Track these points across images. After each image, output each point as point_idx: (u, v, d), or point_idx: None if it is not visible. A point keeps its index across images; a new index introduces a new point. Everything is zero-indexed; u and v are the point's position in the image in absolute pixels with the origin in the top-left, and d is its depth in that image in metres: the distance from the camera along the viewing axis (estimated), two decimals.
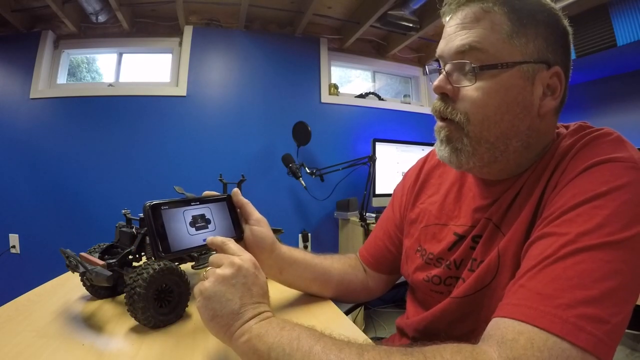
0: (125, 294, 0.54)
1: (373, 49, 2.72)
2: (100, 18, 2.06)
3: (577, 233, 0.38)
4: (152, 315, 0.54)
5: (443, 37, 0.52)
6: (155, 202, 0.49)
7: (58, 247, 0.68)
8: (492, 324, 0.38)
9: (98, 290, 0.67)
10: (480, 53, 0.47)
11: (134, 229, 0.65)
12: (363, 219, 2.05)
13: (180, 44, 2.26)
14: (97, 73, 2.44)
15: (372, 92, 2.71)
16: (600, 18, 1.68)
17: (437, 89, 0.51)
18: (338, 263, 0.71)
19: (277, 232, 0.66)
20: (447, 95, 0.51)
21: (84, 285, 0.67)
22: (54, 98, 2.10)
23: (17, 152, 2.05)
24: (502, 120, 0.48)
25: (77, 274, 0.60)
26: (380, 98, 2.70)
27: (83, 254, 0.63)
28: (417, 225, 0.67)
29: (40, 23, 2.12)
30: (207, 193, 0.57)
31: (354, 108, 2.58)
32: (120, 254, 0.61)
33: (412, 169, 0.77)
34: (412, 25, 2.21)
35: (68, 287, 0.73)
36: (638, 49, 1.66)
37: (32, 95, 2.06)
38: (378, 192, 2.25)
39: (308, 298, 0.68)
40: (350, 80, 2.87)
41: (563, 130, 0.53)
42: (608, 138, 0.46)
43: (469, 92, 0.49)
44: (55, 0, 1.81)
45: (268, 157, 2.32)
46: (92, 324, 0.57)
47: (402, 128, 2.68)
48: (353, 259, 0.76)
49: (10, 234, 2.05)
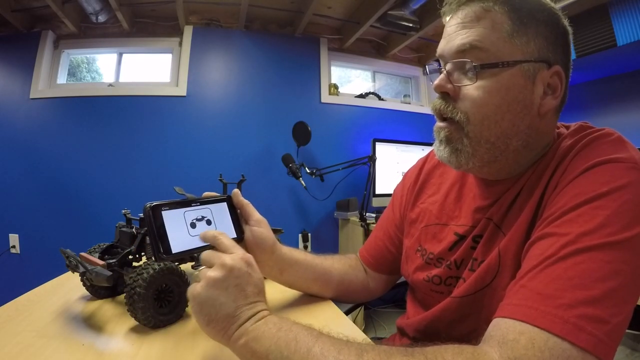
0: (125, 294, 0.54)
1: (373, 49, 2.72)
2: (100, 18, 2.06)
3: (578, 233, 0.38)
4: (152, 315, 0.54)
5: (443, 36, 0.52)
6: (156, 203, 0.49)
7: (58, 247, 0.68)
8: (493, 324, 0.39)
9: (98, 290, 0.67)
10: (481, 52, 0.47)
11: (134, 229, 0.65)
12: (363, 219, 2.05)
13: (180, 44, 2.26)
14: (97, 73, 2.44)
15: (372, 92, 2.71)
16: (600, 18, 1.68)
17: (437, 88, 0.51)
18: (338, 263, 0.71)
19: (277, 232, 0.66)
20: (447, 95, 0.51)
21: (84, 285, 0.67)
22: (54, 98, 2.10)
23: (17, 152, 2.05)
24: (502, 120, 0.48)
25: (77, 274, 0.60)
26: (380, 98, 2.70)
27: (83, 254, 0.63)
28: (417, 225, 0.67)
29: (40, 23, 2.12)
30: (207, 194, 0.57)
31: (354, 108, 2.58)
32: (120, 254, 0.61)
33: (412, 169, 0.77)
34: (412, 25, 2.21)
35: (68, 287, 0.73)
36: (638, 49, 1.66)
37: (32, 95, 2.06)
38: (378, 192, 2.25)
39: (308, 298, 0.68)
40: (350, 80, 2.87)
41: (563, 130, 0.53)
42: (609, 138, 0.46)
43: (470, 91, 0.49)
44: (55, 0, 1.81)
45: (268, 157, 2.32)
46: (92, 324, 0.57)
47: (402, 128, 2.68)
48: (353, 260, 0.76)
49: (10, 234, 2.05)
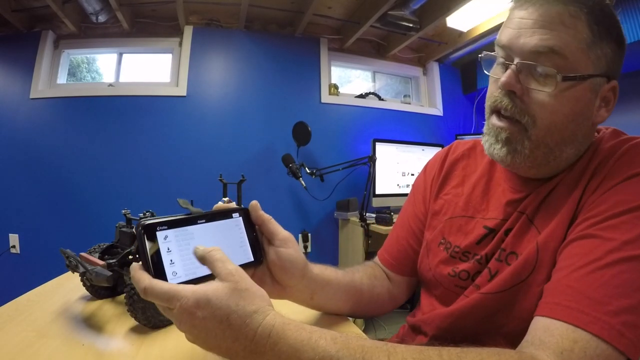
0: (125, 294, 0.54)
1: (373, 49, 2.72)
2: (100, 18, 2.06)
3: (622, 241, 0.40)
4: (152, 315, 0.54)
5: (511, 26, 0.49)
6: (150, 221, 0.38)
7: (58, 247, 0.68)
8: (541, 325, 0.39)
9: (98, 290, 0.67)
10: (560, 59, 0.45)
11: (134, 229, 0.65)
12: (363, 219, 2.04)
13: (180, 44, 2.26)
14: (97, 73, 2.44)
15: (372, 92, 2.71)
16: None
17: (505, 86, 0.48)
18: (365, 277, 0.65)
19: None
20: (513, 93, 0.49)
21: (84, 285, 0.67)
22: (54, 98, 2.10)
23: (17, 152, 2.05)
24: (566, 129, 0.48)
25: (77, 274, 0.60)
26: (380, 98, 2.70)
27: (83, 254, 0.63)
28: (440, 217, 0.64)
29: (40, 23, 2.12)
30: (218, 206, 0.47)
31: (354, 108, 2.58)
32: (120, 254, 0.60)
33: (433, 161, 0.73)
34: (412, 26, 2.21)
35: (68, 287, 0.73)
36: (638, 49, 1.66)
37: (32, 95, 2.06)
38: (378, 192, 2.25)
39: None
40: (350, 81, 2.87)
41: (595, 133, 0.53)
42: None
43: (542, 96, 0.47)
44: (55, 0, 1.81)
45: (268, 157, 2.32)
46: (92, 324, 0.57)
47: (402, 128, 2.68)
48: (375, 268, 0.71)
49: (10, 234, 2.05)
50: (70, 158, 2.09)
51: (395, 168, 2.34)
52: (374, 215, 2.09)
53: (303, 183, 2.10)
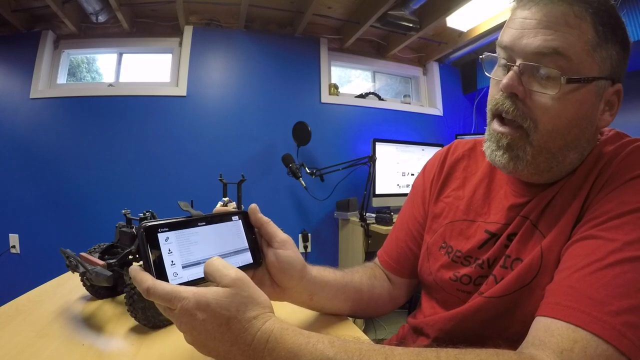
0: (125, 294, 0.54)
1: (373, 49, 2.72)
2: (100, 18, 2.06)
3: (624, 241, 0.39)
4: (152, 315, 0.54)
5: (513, 26, 0.47)
6: (151, 223, 0.39)
7: (58, 247, 0.68)
8: (541, 326, 0.39)
9: (98, 290, 0.67)
10: (564, 61, 0.44)
11: (134, 229, 0.65)
12: (363, 219, 2.04)
13: (180, 44, 2.26)
14: (97, 73, 2.44)
15: (372, 92, 2.71)
16: None
17: (507, 89, 0.47)
18: (365, 277, 0.65)
19: None
20: (515, 96, 0.47)
21: (84, 285, 0.67)
22: (54, 98, 2.10)
23: (17, 152, 2.05)
24: (569, 134, 0.47)
25: (77, 274, 0.60)
26: (380, 98, 2.70)
27: (83, 254, 0.63)
28: (440, 221, 0.64)
29: (40, 23, 2.12)
30: (218, 209, 0.48)
31: (354, 108, 2.58)
32: (120, 254, 0.60)
33: (432, 162, 0.72)
34: (412, 25, 2.21)
35: (68, 287, 0.73)
36: (638, 49, 1.66)
37: (32, 95, 2.06)
38: (378, 192, 2.25)
39: None
40: (350, 80, 2.87)
41: (598, 136, 0.53)
42: None
43: (545, 99, 0.46)
44: (55, 0, 1.81)
45: (268, 157, 2.32)
46: (92, 324, 0.57)
47: (402, 128, 2.68)
48: (375, 269, 0.70)
49: (10, 234, 2.05)
50: (70, 158, 2.09)
51: (395, 168, 2.34)
52: (374, 215, 2.09)
53: (303, 183, 2.10)
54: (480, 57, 0.54)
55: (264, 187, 2.30)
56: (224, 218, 0.46)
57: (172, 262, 0.39)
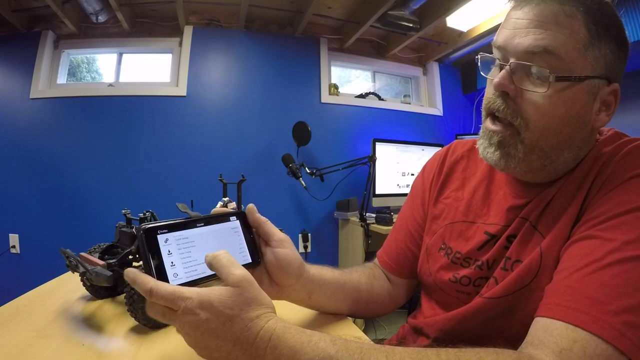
0: (125, 294, 0.54)
1: (373, 49, 2.72)
2: (100, 18, 2.06)
3: (623, 241, 0.39)
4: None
5: (507, 27, 0.48)
6: (150, 225, 0.39)
7: (58, 247, 0.68)
8: (541, 326, 0.39)
9: (98, 290, 0.67)
10: (554, 59, 0.44)
11: (134, 229, 0.65)
12: (363, 219, 2.04)
13: (180, 44, 2.26)
14: (97, 73, 2.44)
15: (372, 92, 2.71)
16: None
17: (498, 87, 0.47)
18: (364, 276, 0.66)
19: None
20: (506, 94, 0.48)
21: (84, 285, 0.67)
22: (54, 98, 2.10)
23: (17, 152, 2.05)
24: (561, 133, 0.47)
25: (77, 274, 0.60)
26: (380, 98, 2.70)
27: (83, 254, 0.63)
28: (440, 222, 0.64)
29: (40, 23, 2.12)
30: (216, 210, 0.49)
31: (354, 108, 2.58)
32: (120, 254, 0.60)
33: (431, 162, 0.72)
34: (412, 25, 2.21)
35: (68, 287, 0.73)
36: (638, 49, 1.66)
37: (32, 95, 2.06)
38: (378, 192, 2.25)
39: None
40: (350, 80, 2.87)
41: (597, 136, 0.53)
42: None
43: (535, 97, 0.46)
44: (55, 0, 1.81)
45: (268, 157, 2.32)
46: (92, 324, 0.57)
47: (402, 128, 2.68)
48: (375, 269, 0.71)
49: (10, 234, 2.05)
50: (70, 158, 2.09)
51: (395, 168, 2.34)
52: (374, 215, 2.09)
53: (303, 183, 2.10)
54: (477, 57, 0.55)
55: (264, 187, 2.30)
56: (222, 219, 0.47)
57: (172, 263, 0.39)
